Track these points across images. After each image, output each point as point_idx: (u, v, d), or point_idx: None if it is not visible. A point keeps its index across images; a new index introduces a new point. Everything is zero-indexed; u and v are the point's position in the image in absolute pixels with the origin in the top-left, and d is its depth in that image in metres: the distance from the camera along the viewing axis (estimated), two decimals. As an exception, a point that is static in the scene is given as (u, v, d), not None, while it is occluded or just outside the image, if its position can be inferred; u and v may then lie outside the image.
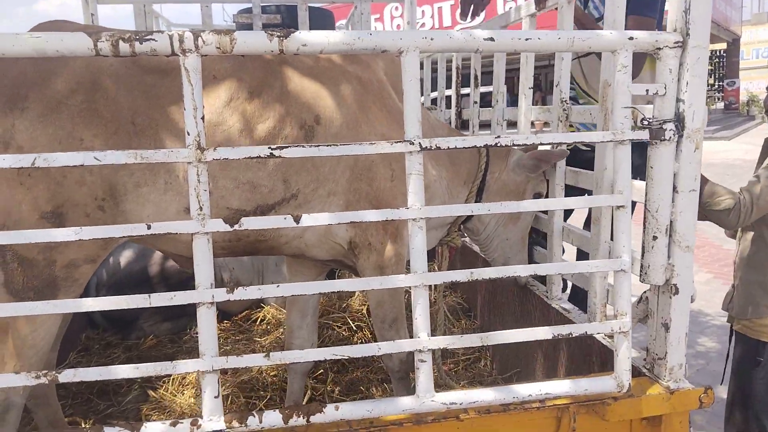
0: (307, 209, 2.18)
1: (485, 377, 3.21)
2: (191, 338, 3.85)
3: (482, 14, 3.54)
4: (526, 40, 1.64)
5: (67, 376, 1.48)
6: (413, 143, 1.60)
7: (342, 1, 5.14)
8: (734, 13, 26.11)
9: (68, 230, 1.49)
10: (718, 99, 29.00)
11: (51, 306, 1.53)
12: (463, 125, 4.22)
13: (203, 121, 1.53)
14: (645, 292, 2.00)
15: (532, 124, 3.12)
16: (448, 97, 4.45)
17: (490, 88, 3.67)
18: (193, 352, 3.60)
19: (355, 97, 2.30)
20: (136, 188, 2.00)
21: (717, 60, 28.75)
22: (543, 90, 23.07)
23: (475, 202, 2.65)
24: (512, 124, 3.38)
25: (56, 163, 1.50)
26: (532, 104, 3.00)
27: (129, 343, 3.76)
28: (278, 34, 1.54)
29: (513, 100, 3.27)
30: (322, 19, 5.20)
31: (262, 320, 3.95)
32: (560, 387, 1.74)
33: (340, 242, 2.36)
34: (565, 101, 2.59)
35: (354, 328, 3.61)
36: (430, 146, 1.62)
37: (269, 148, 1.56)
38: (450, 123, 4.26)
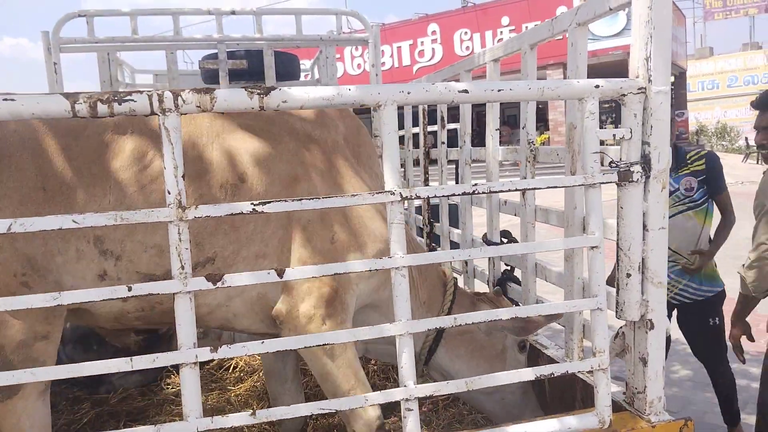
0: (231, 273, 1.92)
1: (465, 416, 3.20)
2: (161, 389, 3.75)
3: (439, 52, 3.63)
4: (499, 91, 1.70)
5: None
6: (393, 193, 1.63)
7: (307, 45, 5.20)
8: (680, 48, 27.46)
9: (45, 296, 1.47)
10: (668, 130, 30.33)
11: (29, 374, 1.48)
12: (431, 162, 4.29)
13: (183, 180, 1.53)
14: (621, 327, 2.05)
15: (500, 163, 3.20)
16: (415, 135, 4.53)
17: (457, 125, 3.75)
18: (164, 405, 3.50)
19: (296, 156, 2.19)
20: (53, 258, 1.91)
21: (665, 93, 30.09)
22: (509, 124, 23.65)
23: (431, 348, 2.48)
24: (479, 160, 3.45)
25: (33, 228, 1.48)
26: (499, 144, 3.08)
27: (97, 397, 3.63)
28: (258, 91, 1.56)
29: (480, 135, 3.34)
30: (287, 63, 5.26)
31: (234, 368, 3.88)
32: (545, 427, 1.77)
33: (274, 309, 2.17)
34: (532, 142, 2.67)
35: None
36: (410, 195, 1.65)
37: (251, 204, 1.57)
38: (418, 162, 4.33)
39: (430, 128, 4.21)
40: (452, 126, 3.99)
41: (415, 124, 4.39)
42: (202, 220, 2.02)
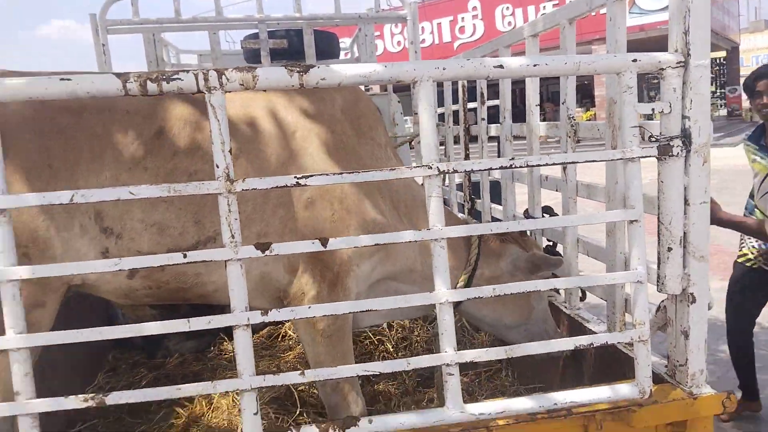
0: None
1: (507, 388, 3.25)
2: (215, 356, 3.93)
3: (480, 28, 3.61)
4: (535, 66, 1.71)
5: (114, 398, 1.55)
6: (431, 167, 1.67)
7: (346, 23, 5.23)
8: (732, 21, 26.36)
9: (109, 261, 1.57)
10: (721, 106, 29.13)
11: (96, 333, 1.59)
12: (471, 139, 4.29)
13: (230, 154, 1.60)
14: (663, 301, 2.05)
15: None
16: (455, 113, 4.53)
17: (497, 102, 3.74)
18: (218, 370, 3.68)
19: (293, 130, 2.20)
20: (57, 234, 1.95)
21: (718, 68, 28.93)
22: (552, 101, 23.24)
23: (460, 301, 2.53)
24: (520, 137, 3.44)
25: (93, 199, 1.58)
26: (540, 120, 3.07)
27: (155, 362, 3.83)
28: (298, 69, 1.61)
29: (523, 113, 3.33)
30: (327, 42, 5.30)
31: (284, 336, 4.01)
32: (585, 395, 1.80)
33: (279, 289, 2.21)
34: (572, 117, 2.66)
35: (375, 342, 3.68)
36: (448, 170, 1.68)
37: (295, 177, 1.63)
38: (459, 139, 4.33)
39: (470, 105, 4.21)
40: (492, 103, 3.97)
41: (456, 101, 4.39)
42: (200, 198, 2.03)
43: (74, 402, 1.53)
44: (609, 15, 2.21)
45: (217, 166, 1.59)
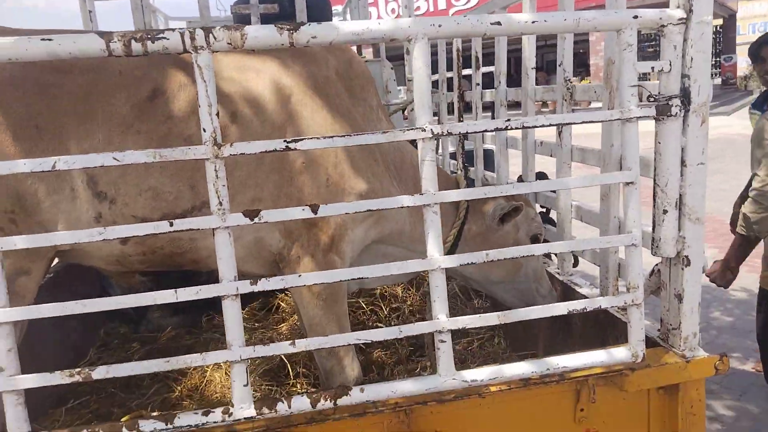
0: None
1: (500, 355, 3.26)
2: (208, 329, 3.91)
3: None
4: (533, 23, 1.66)
5: (100, 372, 1.52)
6: (425, 130, 1.63)
7: (338, -13, 5.12)
8: (730, -12, 26.01)
9: (95, 231, 1.53)
10: (716, 75, 28.92)
11: (80, 306, 1.56)
12: (466, 108, 4.23)
13: (218, 117, 1.56)
14: (657, 264, 2.03)
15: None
16: (449, 80, 4.46)
17: (491, 68, 3.68)
18: (211, 343, 3.67)
19: (288, 94, 2.16)
20: (46, 198, 1.91)
21: (714, 36, 28.59)
22: (544, 70, 23.07)
23: (449, 253, 2.41)
24: (515, 105, 3.39)
25: (75, 166, 1.53)
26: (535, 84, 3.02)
27: (146, 336, 3.82)
28: (288, 27, 1.55)
29: (517, 81, 3.28)
30: (319, 7, 5.18)
31: (276, 308, 4.00)
32: (577, 360, 1.79)
33: (274, 253, 2.20)
34: (569, 80, 2.61)
35: (368, 312, 3.67)
36: (442, 132, 1.64)
37: (284, 141, 1.59)
38: (453, 106, 4.27)
39: (465, 72, 4.14)
40: (487, 69, 3.91)
41: (450, 68, 4.31)
42: (194, 163, 1.99)
43: (60, 377, 1.50)
44: (608, -28, 2.14)
45: (204, 130, 1.54)
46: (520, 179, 3.09)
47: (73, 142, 1.92)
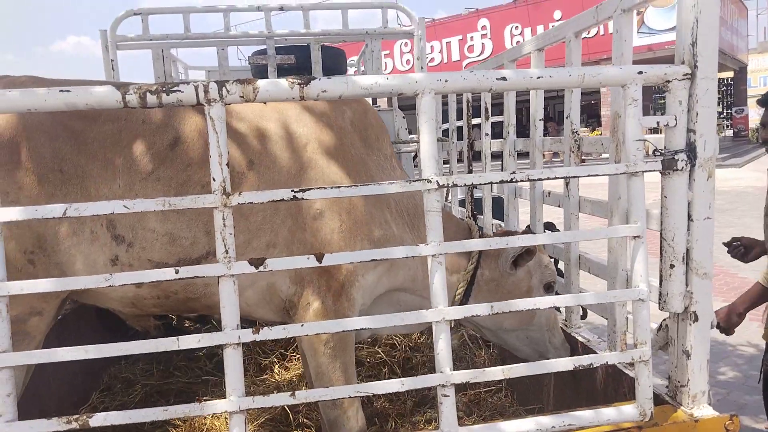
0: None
1: (507, 408, 3.19)
2: (205, 364, 3.88)
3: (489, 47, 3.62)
4: (538, 78, 1.69)
5: (98, 420, 1.51)
6: (431, 181, 1.64)
7: (353, 39, 5.26)
8: (740, 41, 26.36)
9: (99, 277, 1.55)
10: (727, 127, 29.09)
11: (81, 352, 1.56)
12: (475, 156, 4.27)
13: (228, 168, 1.59)
14: (665, 319, 2.01)
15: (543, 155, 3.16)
16: (459, 129, 4.52)
17: (501, 118, 3.73)
18: (211, 381, 3.63)
19: (305, 142, 2.20)
20: (66, 239, 1.96)
21: (725, 88, 28.94)
22: (555, 120, 23.31)
23: (463, 300, 2.47)
24: (524, 155, 3.42)
25: (87, 213, 1.56)
26: (544, 135, 3.05)
27: (149, 382, 3.79)
28: (299, 81, 1.60)
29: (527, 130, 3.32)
30: (334, 58, 5.33)
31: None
32: (584, 418, 1.75)
33: (284, 300, 2.21)
34: (576, 132, 2.63)
35: (378, 364, 3.63)
36: (448, 183, 1.66)
37: (292, 190, 1.61)
38: (462, 154, 4.31)
39: (474, 121, 4.20)
40: (497, 119, 3.96)
41: (460, 118, 4.38)
42: (210, 210, 2.00)
43: (57, 424, 1.49)
44: (615, 27, 2.19)
45: (214, 179, 1.57)
46: (528, 229, 3.09)
47: (94, 187, 1.99)
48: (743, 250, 2.97)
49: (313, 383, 2.26)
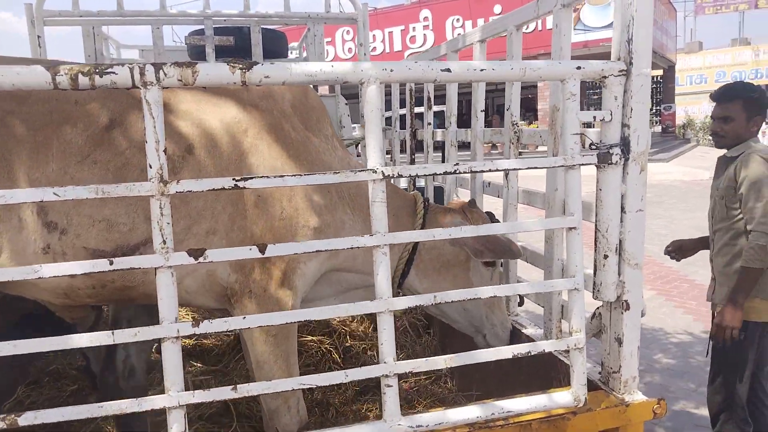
0: (181, 250, 1.66)
1: (447, 395, 3.25)
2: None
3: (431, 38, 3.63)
4: (481, 71, 1.71)
5: (28, 418, 1.44)
6: (376, 171, 1.64)
7: (295, 23, 5.17)
8: (669, 41, 27.56)
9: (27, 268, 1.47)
10: (656, 123, 30.46)
11: (9, 347, 1.48)
12: (417, 145, 4.30)
13: (165, 154, 1.53)
14: (598, 308, 2.08)
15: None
16: (402, 117, 4.54)
17: (443, 107, 3.76)
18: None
19: (245, 128, 2.16)
20: None
21: (654, 86, 30.24)
22: (496, 113, 23.77)
23: (404, 270, 2.45)
24: (465, 146, 3.47)
25: (14, 200, 1.47)
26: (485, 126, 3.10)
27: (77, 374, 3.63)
28: (241, 66, 1.55)
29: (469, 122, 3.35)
30: (275, 41, 5.22)
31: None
32: (521, 404, 1.81)
33: (224, 287, 2.15)
34: (516, 124, 2.69)
35: (322, 351, 3.61)
36: (393, 174, 1.66)
37: (233, 179, 1.57)
38: (404, 143, 4.33)
39: (417, 110, 4.22)
40: (439, 108, 3.99)
41: (403, 106, 4.39)
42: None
43: (-17, 419, 1.42)
44: (555, 22, 2.24)
45: (150, 167, 1.51)
46: (474, 202, 3.11)
47: (22, 173, 1.87)
48: (676, 256, 3.19)
49: (254, 372, 2.22)
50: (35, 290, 2.05)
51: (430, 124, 3.90)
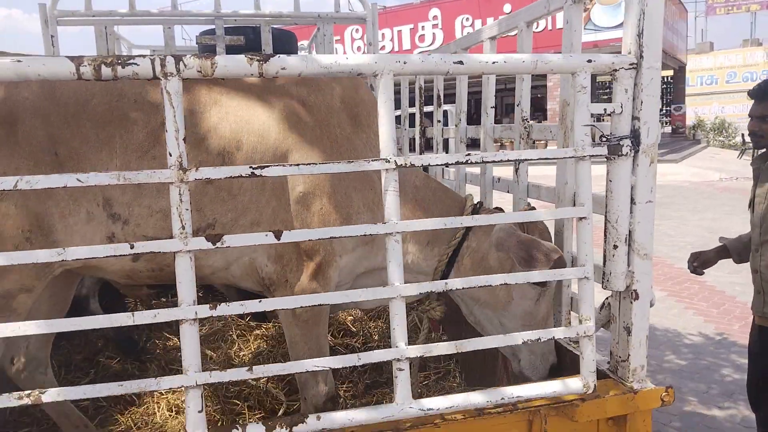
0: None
1: (455, 389, 3.28)
2: (160, 351, 3.83)
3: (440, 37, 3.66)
4: (493, 63, 1.74)
5: (51, 395, 1.49)
6: (389, 161, 1.67)
7: (304, 22, 5.22)
8: (680, 41, 27.47)
9: (52, 251, 1.52)
10: (666, 123, 30.34)
11: (33, 326, 1.53)
12: (426, 144, 4.33)
13: (184, 143, 1.57)
14: (607, 298, 2.11)
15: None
16: (411, 116, 4.57)
17: (452, 107, 3.79)
18: (158, 369, 3.58)
19: (291, 124, 2.23)
20: (62, 219, 2.02)
21: (665, 86, 30.14)
22: (505, 113, 23.75)
23: (444, 273, 2.40)
24: (473, 145, 3.49)
25: (38, 185, 1.52)
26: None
27: (97, 362, 3.69)
28: (258, 58, 1.59)
29: (478, 120, 3.38)
30: (285, 40, 5.26)
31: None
32: (530, 390, 1.83)
33: (263, 277, 2.29)
34: (526, 119, 2.71)
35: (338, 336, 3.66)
36: (405, 164, 1.69)
37: (250, 167, 1.61)
38: (414, 141, 4.36)
39: (426, 108, 4.25)
40: (448, 107, 4.02)
41: (412, 105, 4.42)
42: (203, 187, 2.12)
43: (8, 400, 1.46)
44: (565, 18, 2.27)
45: (170, 155, 1.56)
46: (530, 206, 3.09)
47: (89, 169, 2.02)
48: (700, 269, 3.05)
49: (289, 351, 2.40)
50: (103, 272, 2.25)
51: (439, 121, 3.93)
